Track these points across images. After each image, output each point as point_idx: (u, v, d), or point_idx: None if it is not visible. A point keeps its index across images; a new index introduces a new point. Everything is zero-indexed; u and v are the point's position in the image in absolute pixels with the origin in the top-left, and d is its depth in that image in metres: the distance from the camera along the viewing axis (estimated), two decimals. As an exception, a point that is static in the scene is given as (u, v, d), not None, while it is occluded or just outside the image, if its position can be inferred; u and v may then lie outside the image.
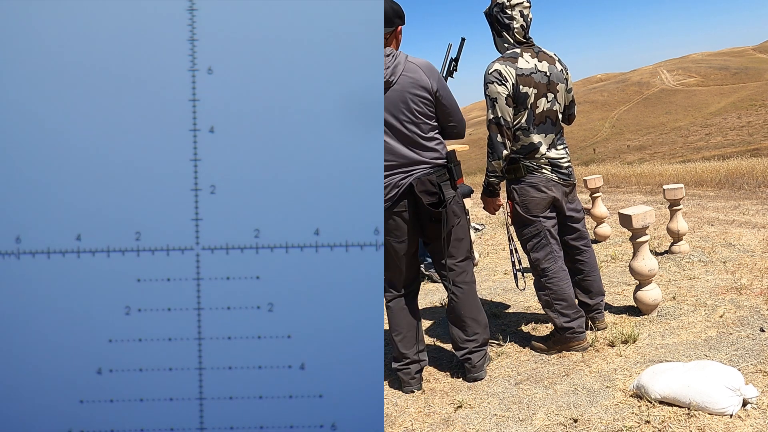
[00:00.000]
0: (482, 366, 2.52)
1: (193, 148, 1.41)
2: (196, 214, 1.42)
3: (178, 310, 1.44)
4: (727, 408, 1.91)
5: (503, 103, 2.46)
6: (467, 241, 2.47)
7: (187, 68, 1.40)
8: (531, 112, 2.52)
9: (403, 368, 2.51)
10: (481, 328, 2.49)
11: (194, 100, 1.40)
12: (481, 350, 2.52)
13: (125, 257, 1.42)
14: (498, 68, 2.48)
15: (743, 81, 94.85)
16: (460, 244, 2.44)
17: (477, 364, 2.50)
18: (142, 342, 1.44)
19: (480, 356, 2.51)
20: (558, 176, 2.60)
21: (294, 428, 1.46)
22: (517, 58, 2.51)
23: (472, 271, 2.52)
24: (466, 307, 2.46)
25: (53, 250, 1.41)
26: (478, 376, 2.52)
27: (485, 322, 2.52)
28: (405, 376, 2.52)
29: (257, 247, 1.43)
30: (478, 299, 2.53)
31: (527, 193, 2.59)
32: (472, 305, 2.48)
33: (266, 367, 1.45)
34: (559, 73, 2.59)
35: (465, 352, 2.50)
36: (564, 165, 2.62)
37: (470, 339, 2.48)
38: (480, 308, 2.52)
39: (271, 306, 1.44)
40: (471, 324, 2.47)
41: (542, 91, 2.53)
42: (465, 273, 2.47)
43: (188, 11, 1.39)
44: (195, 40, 1.39)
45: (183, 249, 1.42)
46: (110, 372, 1.44)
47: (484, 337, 2.51)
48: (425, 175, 2.29)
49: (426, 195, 2.27)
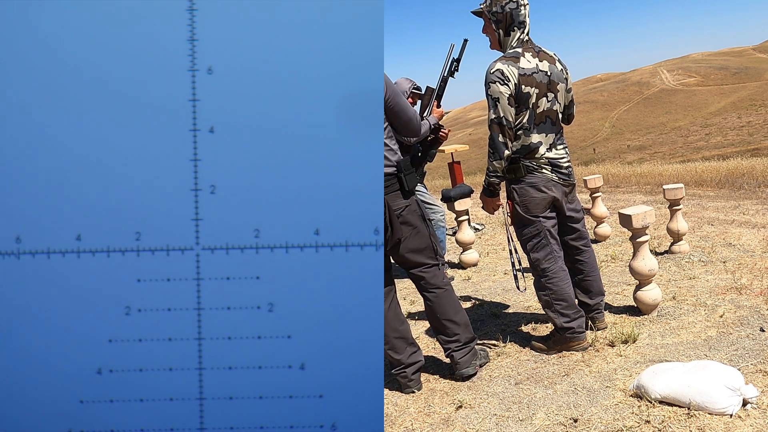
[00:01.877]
0: (468, 362, 2.52)
1: (193, 148, 1.41)
2: (196, 214, 1.42)
3: (178, 310, 1.44)
4: (727, 408, 1.91)
5: (505, 103, 2.45)
6: (429, 247, 2.43)
7: (187, 68, 1.40)
8: (532, 112, 2.51)
9: (400, 372, 2.51)
10: (460, 329, 2.49)
11: (194, 100, 1.40)
12: (465, 348, 2.51)
13: (125, 257, 1.42)
14: (500, 68, 2.47)
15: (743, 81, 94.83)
16: (420, 253, 2.42)
17: (461, 361, 2.50)
18: (142, 342, 1.44)
19: (463, 353, 2.51)
20: (558, 176, 2.60)
21: (294, 428, 1.46)
22: (519, 58, 2.49)
23: (442, 274, 2.50)
24: (441, 310, 2.47)
25: (53, 250, 1.41)
26: (464, 373, 2.51)
27: (465, 321, 2.52)
28: (403, 379, 2.52)
29: (257, 247, 1.43)
30: (455, 300, 2.52)
31: (527, 193, 2.59)
32: (447, 308, 2.48)
33: (266, 367, 1.45)
34: (559, 72, 2.59)
35: (449, 352, 2.52)
36: (564, 165, 2.62)
37: (451, 340, 2.49)
38: (457, 309, 2.50)
39: (271, 306, 1.44)
40: (449, 326, 2.48)
41: (543, 91, 2.52)
42: (434, 277, 2.46)
43: (188, 11, 1.39)
44: (195, 40, 1.39)
45: (183, 249, 1.43)
46: (110, 372, 1.44)
47: (466, 336, 2.51)
48: None
49: None
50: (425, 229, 2.42)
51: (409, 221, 2.35)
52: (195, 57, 1.40)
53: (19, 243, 1.41)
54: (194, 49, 1.40)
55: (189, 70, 1.40)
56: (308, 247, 1.44)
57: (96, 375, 1.43)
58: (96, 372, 1.44)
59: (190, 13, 1.39)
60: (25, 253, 1.41)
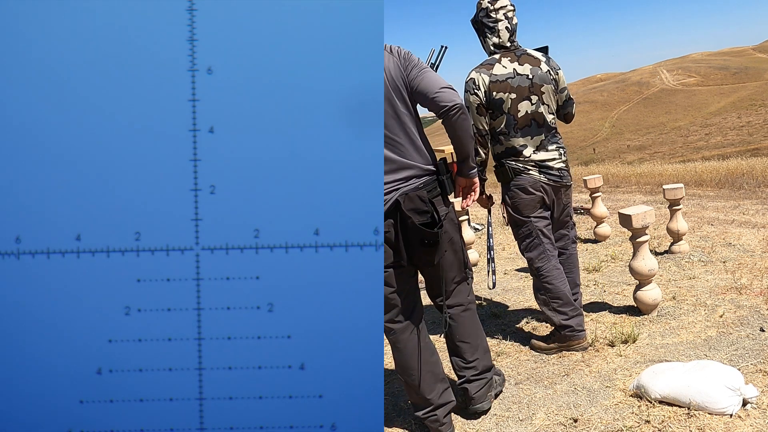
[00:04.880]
0: (483, 396, 2.23)
1: (193, 148, 1.41)
2: (196, 214, 1.42)
3: (178, 310, 1.43)
4: (727, 408, 1.91)
5: (474, 112, 2.59)
6: (461, 260, 2.17)
7: (186, 68, 1.40)
8: (511, 117, 2.57)
9: (429, 416, 2.11)
10: (480, 354, 2.22)
11: (194, 100, 1.40)
12: (481, 378, 2.22)
13: (125, 257, 1.42)
14: (473, 76, 2.59)
15: (743, 81, 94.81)
16: (453, 266, 2.14)
17: (475, 396, 2.21)
18: (142, 342, 1.43)
19: (479, 386, 2.21)
20: (547, 177, 2.64)
21: (294, 428, 1.46)
22: (493, 65, 2.58)
23: (469, 291, 2.22)
24: (460, 330, 2.19)
25: (53, 250, 1.41)
26: (479, 409, 2.23)
27: (485, 347, 2.25)
28: (433, 424, 2.12)
29: (257, 247, 1.43)
30: (478, 322, 2.26)
31: (516, 196, 2.65)
32: (469, 329, 2.21)
33: (266, 367, 1.45)
34: (544, 74, 2.62)
35: (462, 381, 2.23)
36: (554, 166, 2.65)
37: (468, 366, 2.21)
38: (479, 332, 2.24)
39: (271, 306, 1.44)
40: (467, 349, 2.20)
41: (523, 95, 2.58)
42: (460, 294, 2.19)
43: (188, 11, 1.39)
44: (195, 40, 1.39)
45: (183, 249, 1.42)
46: (110, 372, 1.44)
47: (484, 364, 2.23)
48: (413, 190, 1.95)
49: (416, 214, 1.93)
50: (458, 241, 2.16)
51: (447, 230, 2.07)
52: (195, 57, 1.40)
53: (19, 243, 1.41)
54: (194, 49, 1.39)
55: (189, 70, 1.40)
56: (308, 247, 1.44)
57: (96, 375, 1.43)
58: (96, 372, 1.43)
59: (190, 13, 1.39)
60: (25, 253, 1.41)
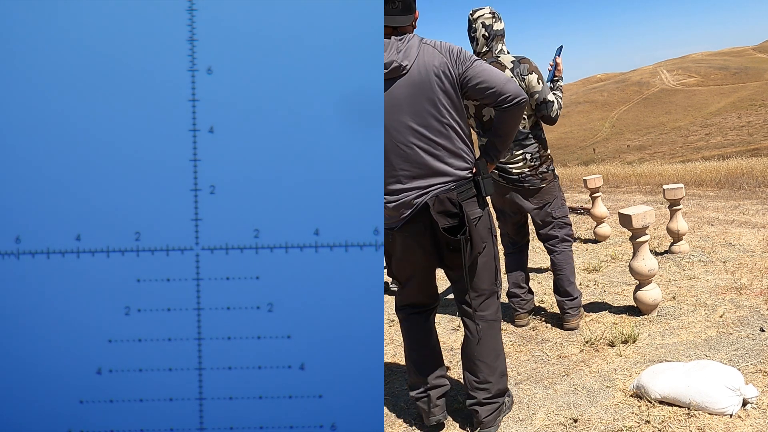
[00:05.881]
0: (492, 422, 2.07)
1: (193, 148, 1.41)
2: (196, 214, 1.42)
3: (178, 310, 1.43)
4: (727, 408, 1.91)
5: None
6: (492, 269, 2.02)
7: (186, 68, 1.40)
8: (478, 121, 2.76)
9: (422, 396, 2.12)
10: (495, 377, 2.05)
11: (194, 100, 1.40)
12: (493, 403, 2.06)
13: (125, 257, 1.42)
14: None
15: (743, 81, 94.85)
16: (484, 274, 2.00)
17: (485, 420, 2.05)
18: (141, 342, 1.43)
19: (490, 410, 2.06)
20: (506, 180, 2.83)
21: (294, 428, 1.46)
22: None
23: (497, 305, 2.07)
24: (480, 350, 2.03)
25: (53, 250, 1.41)
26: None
27: (502, 370, 2.08)
28: (424, 405, 2.12)
29: (257, 247, 1.43)
30: (500, 341, 2.10)
31: None
32: (489, 347, 2.04)
33: (266, 367, 1.45)
34: None
35: (473, 402, 2.06)
36: (513, 170, 2.81)
37: (480, 387, 2.04)
38: (499, 352, 2.08)
39: (271, 306, 1.44)
40: (484, 370, 2.04)
41: None
42: (488, 308, 2.04)
43: (188, 11, 1.39)
44: (195, 40, 1.39)
45: (183, 249, 1.42)
46: (110, 372, 1.44)
47: (498, 388, 2.06)
48: (445, 192, 1.86)
49: (443, 217, 1.84)
50: (491, 248, 2.01)
51: (483, 236, 1.95)
52: (195, 57, 1.40)
53: (19, 243, 1.41)
54: (194, 49, 1.39)
55: (189, 70, 1.40)
56: (308, 247, 1.44)
57: (95, 375, 1.43)
58: (95, 372, 1.43)
59: (190, 13, 1.39)
60: (25, 253, 1.41)
